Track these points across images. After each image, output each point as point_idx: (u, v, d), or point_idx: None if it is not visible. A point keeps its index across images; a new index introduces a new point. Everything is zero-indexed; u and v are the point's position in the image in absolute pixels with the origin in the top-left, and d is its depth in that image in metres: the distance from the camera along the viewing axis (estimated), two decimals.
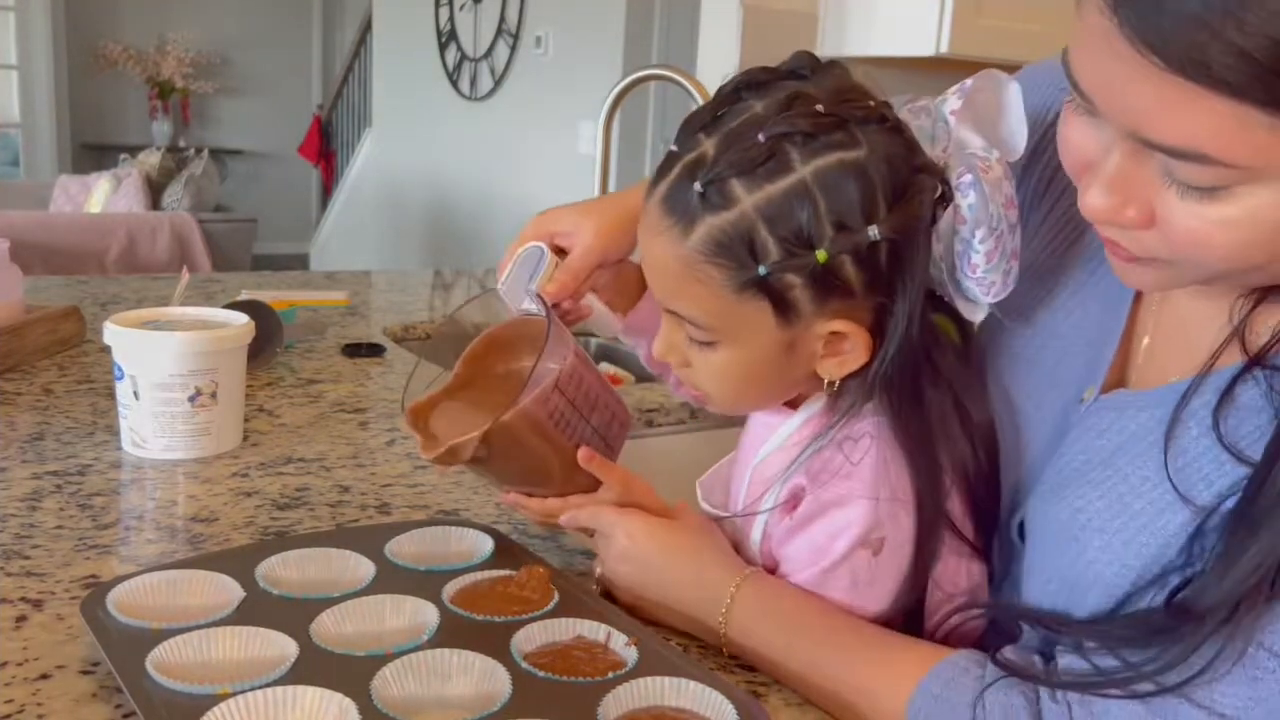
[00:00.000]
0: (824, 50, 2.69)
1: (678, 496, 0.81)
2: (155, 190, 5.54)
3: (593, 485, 0.78)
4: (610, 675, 0.61)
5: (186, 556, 0.79)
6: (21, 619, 0.70)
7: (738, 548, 0.76)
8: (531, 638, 0.65)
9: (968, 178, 0.64)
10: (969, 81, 0.67)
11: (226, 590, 0.68)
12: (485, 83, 5.08)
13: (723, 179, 0.62)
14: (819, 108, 0.61)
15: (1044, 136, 0.73)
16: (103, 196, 5.50)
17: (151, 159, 5.71)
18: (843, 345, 0.66)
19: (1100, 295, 0.69)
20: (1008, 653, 0.61)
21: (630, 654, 0.63)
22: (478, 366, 0.82)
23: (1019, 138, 0.67)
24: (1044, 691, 0.58)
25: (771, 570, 0.74)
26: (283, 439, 1.09)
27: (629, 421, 0.82)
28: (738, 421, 0.82)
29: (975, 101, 0.67)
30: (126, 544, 0.83)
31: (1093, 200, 0.54)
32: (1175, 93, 0.47)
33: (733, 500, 0.79)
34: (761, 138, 0.61)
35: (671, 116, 4.21)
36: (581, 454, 0.76)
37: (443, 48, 5.39)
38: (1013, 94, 0.67)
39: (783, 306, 0.64)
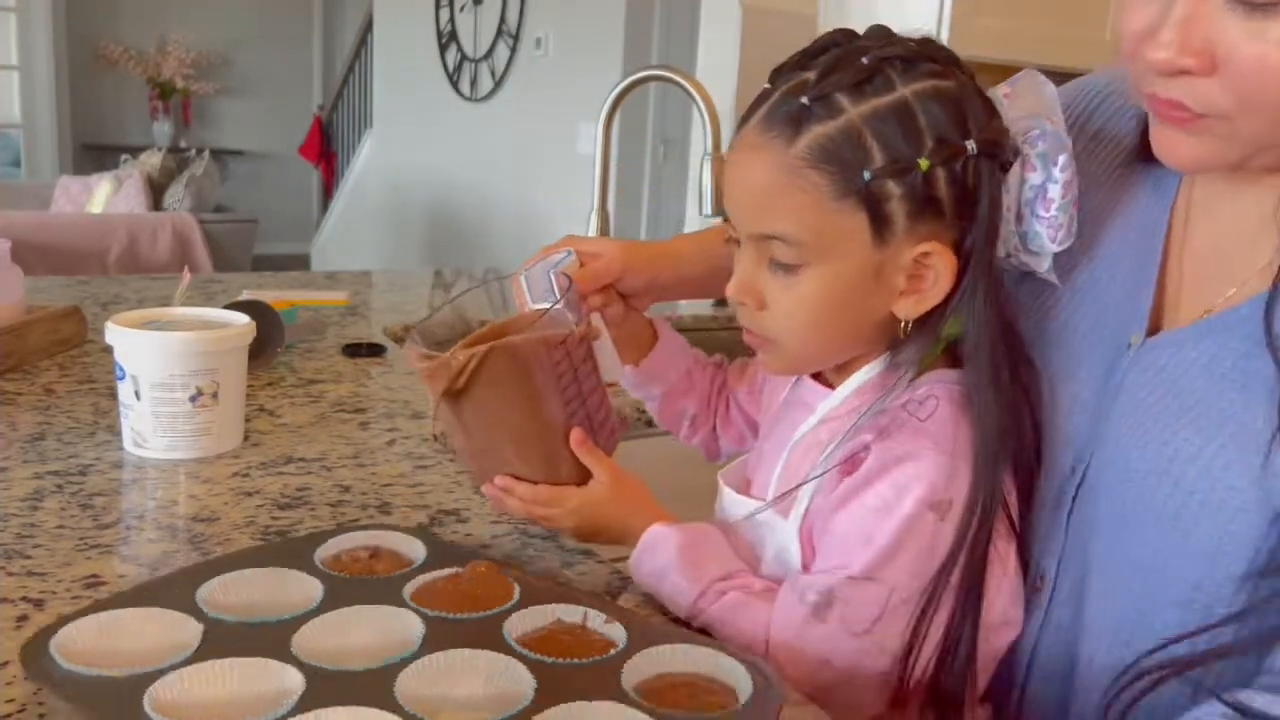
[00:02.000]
0: None
1: (674, 496, 0.81)
2: (156, 191, 5.54)
3: (576, 475, 0.77)
4: (612, 653, 0.61)
5: (111, 595, 0.70)
6: (23, 619, 0.70)
7: (753, 554, 0.75)
8: (513, 628, 0.64)
9: (1034, 131, 0.67)
10: (1017, 79, 0.72)
11: (179, 624, 0.62)
12: (485, 83, 5.08)
13: (828, 93, 0.65)
14: (912, 44, 0.68)
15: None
16: (104, 197, 5.50)
17: (152, 159, 5.72)
18: (924, 281, 0.68)
19: (1128, 244, 0.71)
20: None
21: (615, 631, 0.63)
22: (487, 336, 0.80)
23: (1063, 134, 0.69)
24: None
25: (808, 561, 0.72)
26: (283, 439, 1.09)
27: (618, 430, 0.82)
28: None
29: (1021, 91, 0.71)
30: (127, 544, 0.83)
31: (1160, 50, 0.58)
32: None
33: (759, 487, 0.78)
34: (865, 60, 0.66)
35: (671, 117, 4.22)
36: (574, 436, 0.76)
37: (443, 49, 5.40)
38: (1051, 91, 0.71)
39: (879, 220, 0.66)
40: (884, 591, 0.67)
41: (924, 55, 0.67)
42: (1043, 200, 0.68)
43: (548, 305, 0.79)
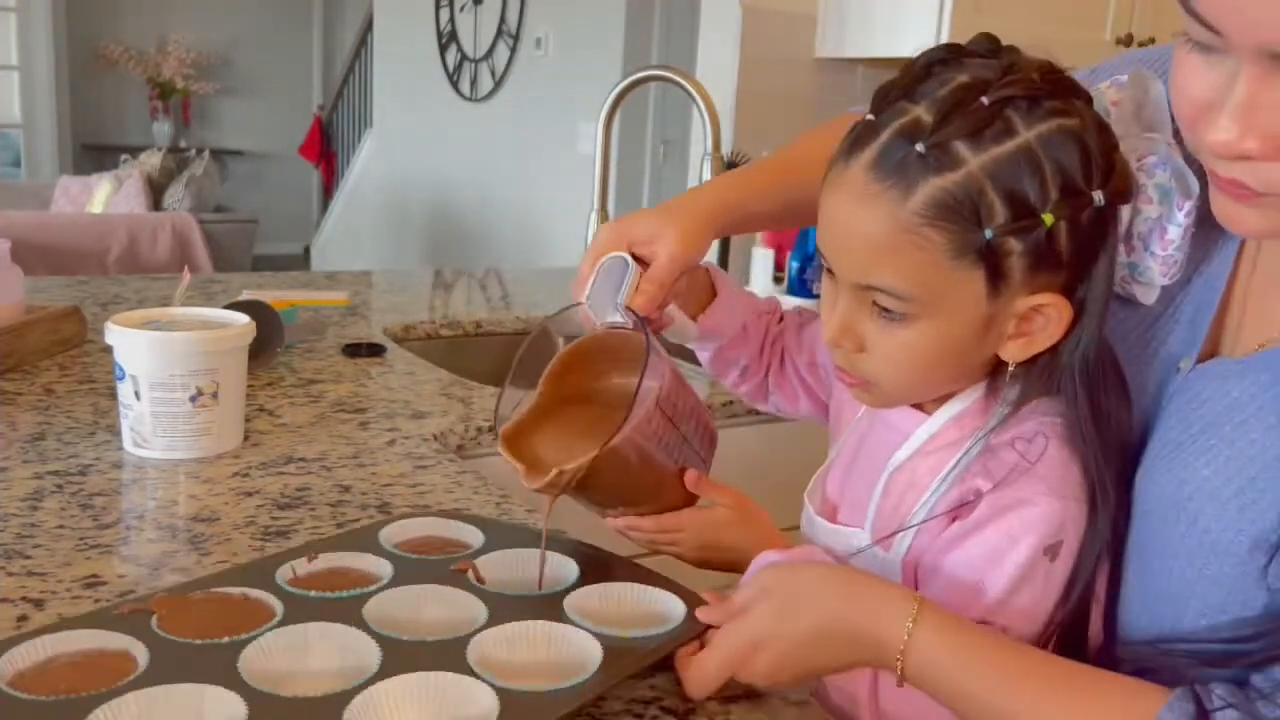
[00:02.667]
0: (823, 50, 2.69)
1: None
2: (156, 191, 5.55)
3: (687, 499, 0.78)
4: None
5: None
6: (23, 619, 0.70)
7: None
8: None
9: (1151, 159, 0.64)
10: (1122, 78, 0.68)
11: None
12: (485, 83, 5.08)
13: (947, 140, 0.60)
14: (1035, 76, 0.62)
15: None
16: (104, 197, 5.51)
17: (152, 159, 5.72)
18: (1033, 324, 0.65)
19: (1200, 276, 0.69)
20: (1218, 708, 0.56)
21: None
22: (561, 385, 0.78)
23: (1188, 174, 0.66)
24: None
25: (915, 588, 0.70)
26: (283, 439, 1.09)
27: (715, 431, 0.82)
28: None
29: (1130, 96, 0.67)
30: (127, 544, 0.83)
31: (1220, 134, 0.54)
32: None
33: (849, 513, 0.76)
34: (985, 101, 0.60)
35: (671, 117, 4.22)
36: (689, 478, 0.76)
37: (443, 49, 5.40)
38: (1161, 94, 0.67)
39: (996, 275, 0.62)
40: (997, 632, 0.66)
41: (1045, 91, 0.62)
42: (1160, 239, 0.65)
43: (618, 323, 0.77)
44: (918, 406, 0.73)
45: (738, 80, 2.63)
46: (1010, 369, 0.67)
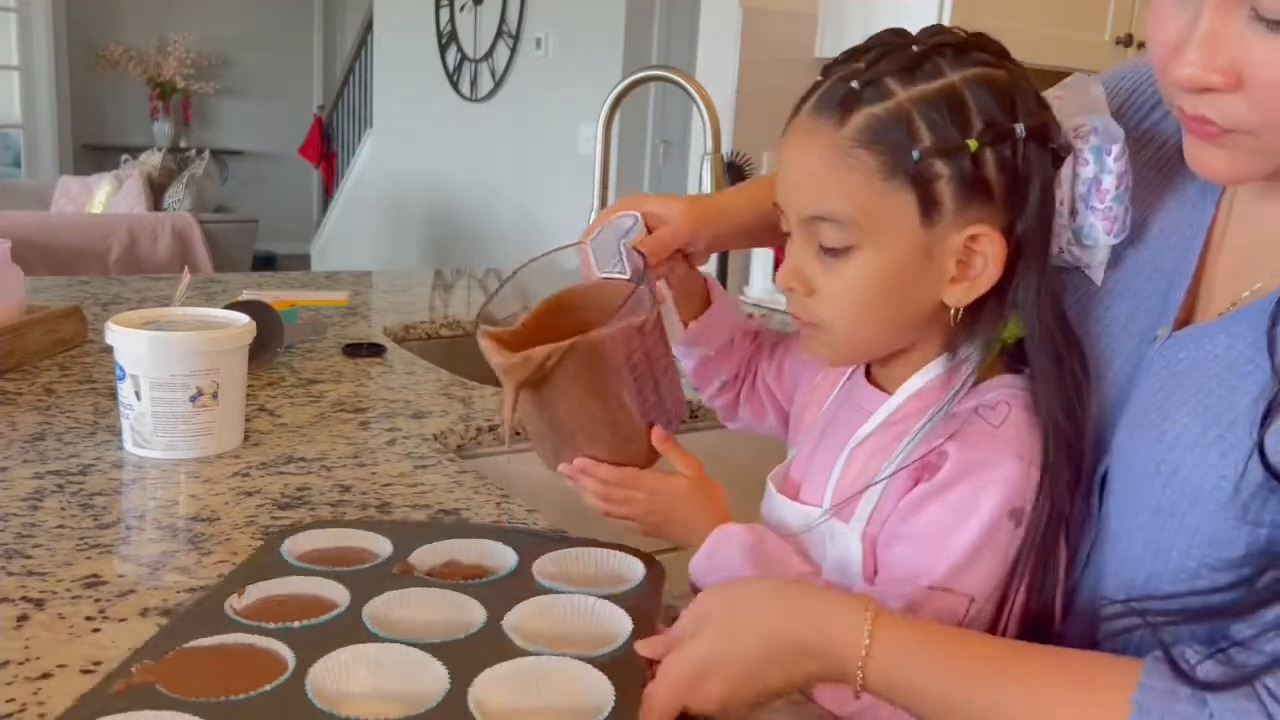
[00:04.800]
0: (824, 50, 2.69)
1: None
2: (156, 191, 5.55)
3: (645, 459, 0.78)
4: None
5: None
6: (23, 618, 0.70)
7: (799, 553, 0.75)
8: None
9: (1085, 125, 0.67)
10: (1064, 83, 0.73)
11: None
12: (485, 84, 5.08)
13: (878, 77, 0.66)
14: (964, 34, 0.69)
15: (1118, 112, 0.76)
16: (104, 197, 5.51)
17: (153, 160, 5.72)
18: (972, 266, 0.68)
19: (1171, 241, 0.71)
20: (1197, 662, 0.55)
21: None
22: (545, 320, 0.79)
23: (1115, 126, 0.68)
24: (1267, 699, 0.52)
25: (872, 573, 0.71)
26: (284, 439, 1.09)
27: (684, 401, 0.82)
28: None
29: (1071, 95, 0.71)
30: (127, 544, 0.83)
31: (1184, 68, 0.58)
32: None
33: (811, 493, 0.77)
34: (915, 49, 0.67)
35: (671, 117, 4.22)
36: (655, 434, 0.77)
37: (443, 49, 5.39)
38: (1100, 91, 0.71)
39: (928, 200, 0.66)
40: (964, 602, 0.66)
41: (975, 45, 0.68)
42: (1097, 192, 0.68)
43: (614, 275, 0.79)
44: (880, 387, 0.75)
45: (738, 80, 2.63)
46: (956, 313, 0.70)
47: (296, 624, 0.66)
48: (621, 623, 0.67)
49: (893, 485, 0.70)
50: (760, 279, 2.21)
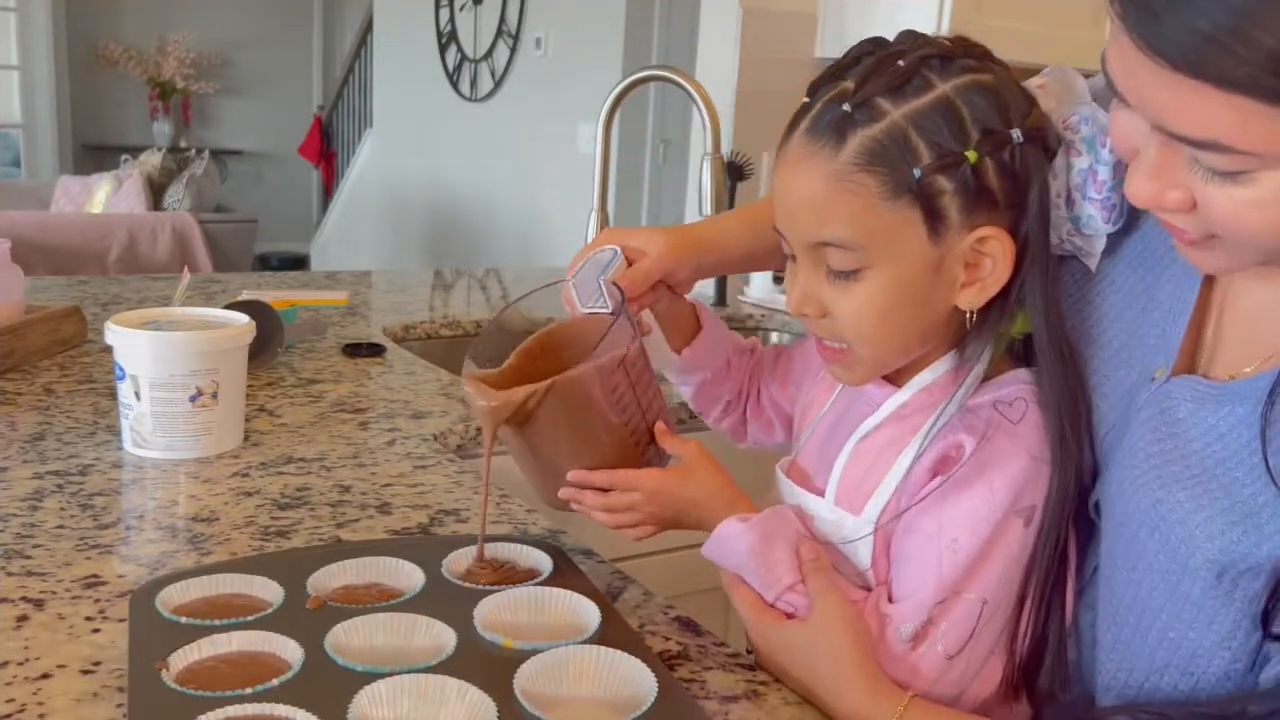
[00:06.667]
0: (824, 51, 2.69)
1: None
2: (156, 191, 5.55)
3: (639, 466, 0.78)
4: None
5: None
6: (23, 619, 0.70)
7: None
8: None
9: (1075, 116, 0.68)
10: (1045, 72, 0.72)
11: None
12: (485, 84, 5.08)
13: (870, 98, 0.66)
14: (947, 42, 0.68)
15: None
16: (104, 197, 5.51)
17: (152, 159, 5.72)
18: (981, 268, 0.68)
19: (1169, 275, 0.70)
20: None
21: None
22: (532, 361, 0.79)
23: (1104, 115, 0.68)
24: None
25: (884, 568, 0.72)
26: (283, 439, 1.09)
27: (671, 421, 0.82)
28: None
29: (1052, 84, 0.71)
30: (127, 544, 0.83)
31: (1135, 188, 0.58)
32: (1185, 89, 0.50)
33: (820, 484, 0.77)
34: (901, 63, 0.66)
35: (671, 117, 4.22)
36: (658, 427, 0.78)
37: (443, 49, 5.40)
38: (1082, 84, 0.71)
39: (933, 215, 0.66)
40: (976, 605, 0.67)
41: (958, 52, 0.68)
42: (1093, 182, 0.68)
43: (597, 310, 0.79)
44: (890, 380, 0.75)
45: (738, 80, 2.63)
46: (971, 315, 0.70)
47: (275, 681, 0.60)
48: (588, 608, 0.69)
49: (910, 478, 0.70)
50: (760, 280, 2.21)
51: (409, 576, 0.74)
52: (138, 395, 1.00)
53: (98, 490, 0.93)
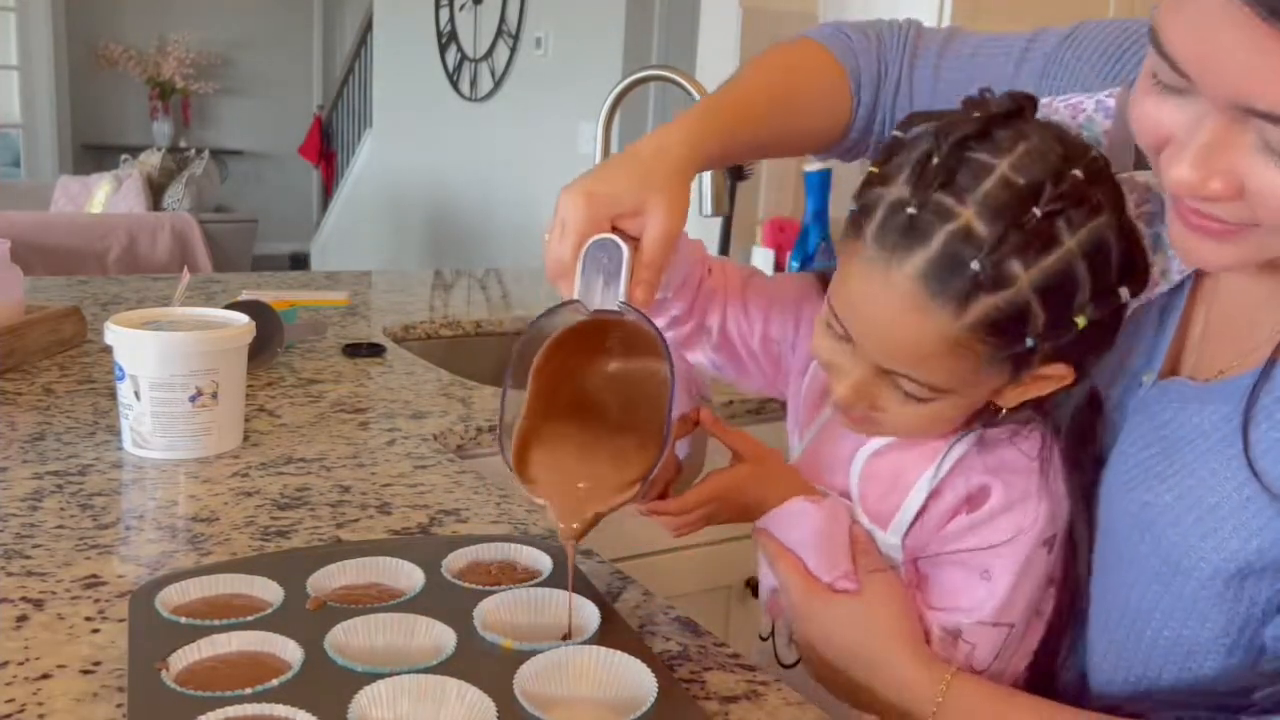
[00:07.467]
0: None
1: None
2: (156, 191, 5.55)
3: (670, 460, 0.74)
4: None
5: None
6: (22, 619, 0.70)
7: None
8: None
9: (1149, 206, 0.67)
10: (1109, 101, 0.69)
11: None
12: (485, 83, 5.08)
13: (1003, 259, 0.60)
14: (1076, 173, 0.61)
15: None
16: (104, 197, 5.51)
17: (152, 159, 5.72)
18: (1035, 387, 0.68)
19: (1165, 287, 0.71)
20: None
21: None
22: (548, 378, 0.72)
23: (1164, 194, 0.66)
24: None
25: (913, 583, 0.73)
26: (283, 439, 1.09)
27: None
28: None
29: (1120, 126, 0.68)
30: (127, 544, 0.83)
31: (1181, 174, 0.55)
32: None
33: (828, 480, 0.77)
34: (1038, 213, 0.60)
35: (671, 117, 4.21)
36: (704, 416, 0.76)
37: (443, 48, 5.40)
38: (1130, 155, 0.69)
39: (1022, 365, 0.65)
40: (1005, 630, 0.71)
41: (1084, 183, 0.62)
42: (1158, 250, 0.68)
43: (607, 309, 0.70)
44: None
45: None
46: (1002, 412, 0.70)
47: (275, 682, 0.60)
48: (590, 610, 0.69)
49: (935, 504, 0.72)
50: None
51: (409, 577, 0.74)
52: (137, 395, 1.00)
53: (97, 490, 0.93)
